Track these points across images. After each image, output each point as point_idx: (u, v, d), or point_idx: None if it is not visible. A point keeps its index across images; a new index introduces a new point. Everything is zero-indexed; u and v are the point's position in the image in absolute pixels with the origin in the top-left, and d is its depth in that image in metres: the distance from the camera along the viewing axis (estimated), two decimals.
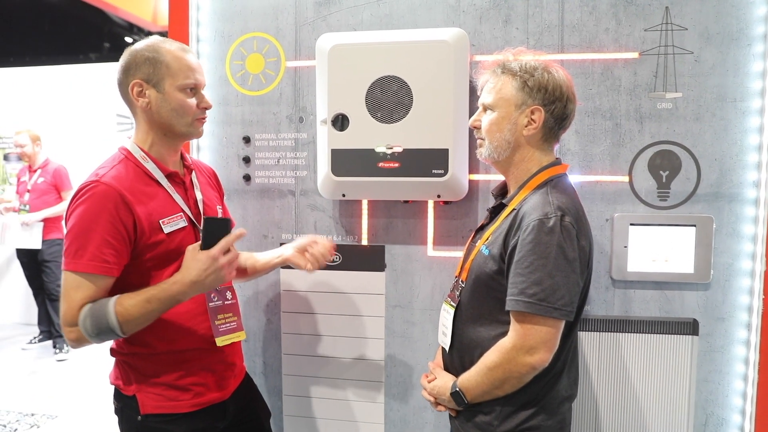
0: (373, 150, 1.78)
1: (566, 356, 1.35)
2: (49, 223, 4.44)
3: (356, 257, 1.98)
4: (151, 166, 1.43)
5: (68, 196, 3.92)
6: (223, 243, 1.34)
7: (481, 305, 1.36)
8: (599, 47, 1.78)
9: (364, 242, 1.97)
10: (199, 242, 1.35)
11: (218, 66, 2.01)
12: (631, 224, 1.79)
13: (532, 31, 1.81)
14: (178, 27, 1.98)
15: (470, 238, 1.53)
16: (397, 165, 1.77)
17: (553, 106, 1.34)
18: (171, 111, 1.41)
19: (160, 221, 1.39)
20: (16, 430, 3.24)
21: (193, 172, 1.56)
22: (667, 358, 1.80)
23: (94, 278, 1.31)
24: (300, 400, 2.06)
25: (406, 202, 1.91)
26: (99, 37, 7.68)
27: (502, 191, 1.51)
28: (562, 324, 1.25)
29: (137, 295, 1.33)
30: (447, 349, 1.45)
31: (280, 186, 2.01)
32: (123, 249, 1.34)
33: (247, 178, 2.02)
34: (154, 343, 1.41)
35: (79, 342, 1.33)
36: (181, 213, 1.45)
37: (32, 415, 3.40)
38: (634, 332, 1.82)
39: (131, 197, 1.34)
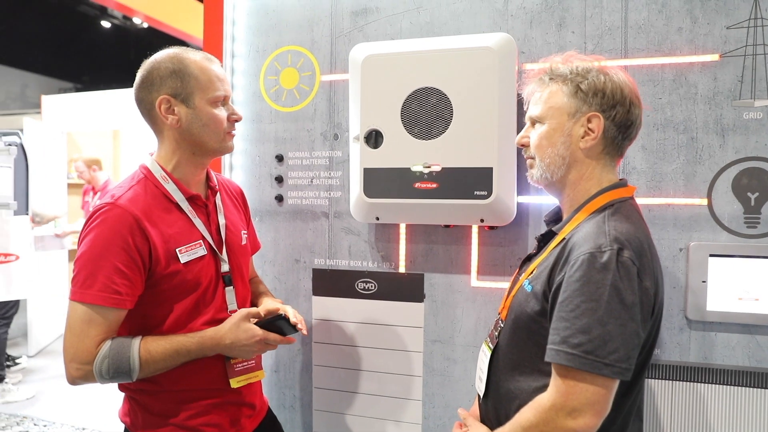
0: (409, 169, 1.62)
1: (626, 418, 1.11)
2: None
3: (393, 286, 1.81)
4: (171, 188, 1.31)
5: None
6: (276, 338, 1.36)
7: (520, 351, 1.15)
8: (670, 50, 1.54)
9: (402, 270, 1.80)
10: (250, 310, 1.35)
11: (252, 82, 1.93)
12: (711, 255, 1.52)
13: (590, 35, 1.60)
14: (213, 42, 1.92)
15: (517, 270, 1.33)
16: (435, 185, 1.60)
17: (614, 111, 1.13)
18: (203, 127, 1.30)
19: (177, 250, 1.28)
20: None
21: (218, 195, 1.44)
22: (760, 417, 1.50)
23: (105, 311, 1.20)
24: None
25: (447, 226, 1.73)
26: None
27: (556, 217, 1.30)
28: (616, 384, 1.01)
29: (166, 343, 1.24)
30: (482, 396, 1.25)
31: (314, 207, 1.89)
32: (137, 278, 1.23)
33: (279, 198, 1.92)
34: (161, 381, 1.29)
35: (83, 380, 1.23)
36: (201, 241, 1.33)
37: (83, 429, 3.43)
38: (716, 383, 1.53)
39: (147, 222, 1.23)
